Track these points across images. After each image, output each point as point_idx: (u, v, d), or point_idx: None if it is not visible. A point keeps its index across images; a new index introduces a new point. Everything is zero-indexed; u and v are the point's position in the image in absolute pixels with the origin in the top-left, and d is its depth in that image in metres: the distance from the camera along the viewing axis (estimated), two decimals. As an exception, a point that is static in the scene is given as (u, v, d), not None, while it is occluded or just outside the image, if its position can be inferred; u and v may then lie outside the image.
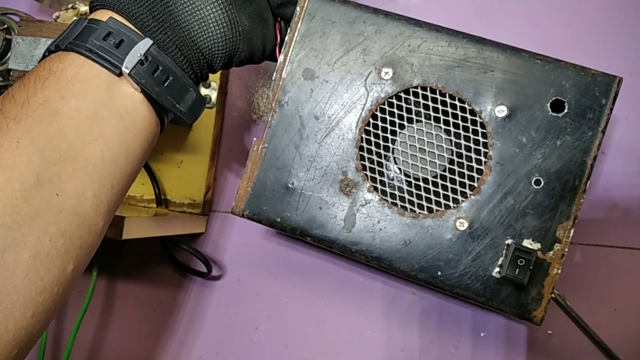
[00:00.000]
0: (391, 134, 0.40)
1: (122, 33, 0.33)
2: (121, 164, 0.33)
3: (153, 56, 0.33)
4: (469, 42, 0.38)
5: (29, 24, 0.48)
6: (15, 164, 0.28)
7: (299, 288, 0.58)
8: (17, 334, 0.28)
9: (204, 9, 0.35)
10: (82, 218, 0.31)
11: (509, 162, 0.37)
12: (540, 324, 0.37)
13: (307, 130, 0.40)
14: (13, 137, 0.29)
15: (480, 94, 0.38)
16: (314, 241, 0.40)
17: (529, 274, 0.36)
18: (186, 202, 0.58)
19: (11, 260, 0.27)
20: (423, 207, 0.39)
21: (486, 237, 0.37)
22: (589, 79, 0.37)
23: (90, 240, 0.32)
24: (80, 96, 0.31)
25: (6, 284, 0.27)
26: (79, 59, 0.32)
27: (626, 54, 0.55)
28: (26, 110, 0.30)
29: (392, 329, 0.56)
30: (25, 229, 0.28)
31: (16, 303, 0.28)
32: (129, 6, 0.33)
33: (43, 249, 0.29)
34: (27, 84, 0.32)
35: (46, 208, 0.29)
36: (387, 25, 0.39)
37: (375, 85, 0.39)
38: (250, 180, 0.40)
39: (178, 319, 0.60)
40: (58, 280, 0.30)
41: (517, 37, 0.50)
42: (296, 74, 0.40)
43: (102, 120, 0.32)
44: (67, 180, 0.30)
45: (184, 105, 0.36)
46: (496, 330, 0.55)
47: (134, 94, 0.34)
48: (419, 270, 0.38)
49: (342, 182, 0.39)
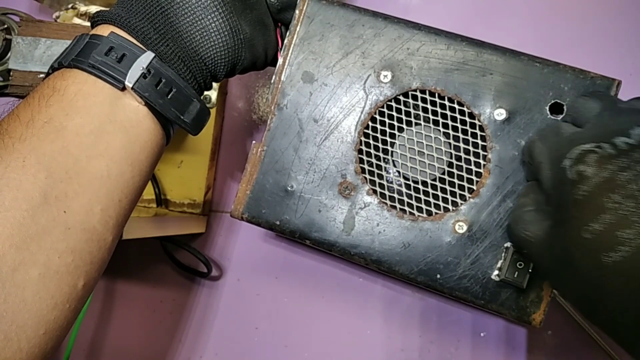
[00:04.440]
0: (390, 137, 0.40)
1: (124, 47, 0.33)
2: (128, 177, 0.33)
3: (155, 69, 0.33)
4: (468, 45, 0.38)
5: (29, 24, 0.48)
6: (21, 183, 0.29)
7: (299, 288, 0.58)
8: (30, 352, 0.28)
9: (205, 19, 0.35)
10: (91, 233, 0.31)
11: (508, 165, 0.37)
12: (539, 326, 0.37)
13: (306, 133, 0.40)
14: (19, 156, 0.29)
15: (479, 97, 0.38)
16: (313, 244, 0.40)
17: (527, 277, 0.36)
18: (186, 202, 0.59)
19: (21, 279, 0.28)
20: (422, 210, 0.39)
21: (485, 240, 0.37)
22: (588, 82, 0.37)
23: (100, 255, 0.32)
24: (84, 112, 0.32)
25: (17, 302, 0.27)
26: (81, 75, 0.33)
27: (626, 54, 0.55)
28: (31, 129, 0.30)
29: (392, 329, 0.56)
30: (34, 248, 0.28)
31: (28, 321, 0.28)
32: (129, 20, 0.33)
33: (52, 267, 0.29)
34: (32, 102, 0.32)
35: (54, 225, 0.29)
36: (386, 28, 0.39)
37: (374, 88, 0.39)
38: (249, 183, 0.40)
39: (178, 319, 0.60)
40: (69, 297, 0.30)
41: (516, 40, 0.49)
42: (295, 77, 0.40)
43: (107, 135, 0.32)
44: (74, 197, 0.30)
45: (188, 116, 0.36)
46: (496, 330, 0.55)
47: (138, 108, 0.34)
48: (418, 273, 0.38)
49: (341, 185, 0.39)
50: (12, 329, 0.27)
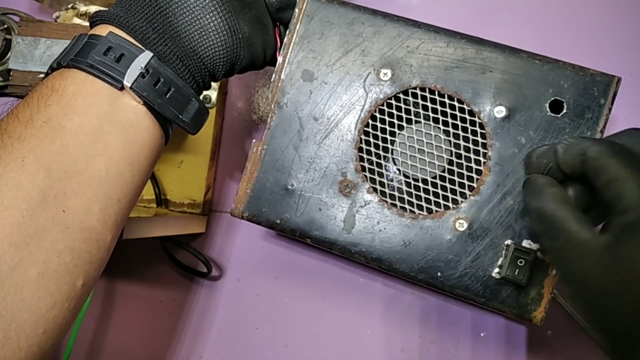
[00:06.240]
0: (390, 135, 0.40)
1: (122, 47, 0.33)
2: (127, 177, 0.33)
3: (154, 68, 0.33)
4: (468, 42, 0.38)
5: (29, 24, 0.48)
6: (20, 182, 0.29)
7: (299, 288, 0.58)
8: (29, 350, 0.28)
9: (203, 18, 0.35)
10: (90, 233, 0.31)
11: (508, 162, 0.37)
12: (540, 324, 0.37)
13: (306, 131, 0.40)
14: (18, 156, 0.29)
15: (479, 95, 0.38)
16: (313, 242, 0.40)
17: (528, 274, 0.36)
18: (186, 202, 0.59)
19: (20, 278, 0.28)
20: (422, 208, 0.39)
21: (486, 237, 0.37)
22: (588, 79, 0.37)
23: (99, 255, 0.32)
24: (82, 112, 0.32)
25: (16, 301, 0.27)
26: (80, 75, 0.33)
27: (626, 53, 0.55)
28: (30, 128, 0.30)
29: (392, 329, 0.56)
30: (32, 247, 0.28)
31: (27, 320, 0.28)
32: (128, 20, 0.34)
33: (51, 266, 0.29)
34: (31, 102, 0.32)
35: (53, 225, 0.29)
36: (385, 26, 0.39)
37: (374, 87, 0.39)
38: (249, 182, 0.40)
39: (178, 319, 0.60)
40: (68, 296, 0.30)
41: (516, 38, 0.49)
42: (295, 76, 0.40)
43: (105, 134, 0.32)
44: (72, 196, 0.30)
45: (186, 115, 0.36)
46: (496, 330, 0.55)
47: (137, 107, 0.34)
48: (419, 271, 0.38)
49: (342, 183, 0.39)
50: (11, 327, 0.27)
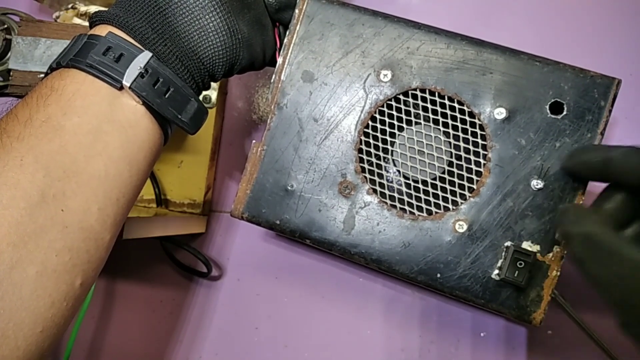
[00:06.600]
0: (390, 136, 0.40)
1: (122, 47, 0.33)
2: (125, 176, 0.33)
3: (153, 68, 0.33)
4: (468, 44, 0.38)
5: (29, 24, 0.48)
6: (19, 181, 0.29)
7: (299, 288, 0.58)
8: (27, 349, 0.28)
9: (203, 19, 0.35)
10: (88, 232, 0.31)
11: (508, 164, 0.37)
12: (539, 325, 0.37)
13: (306, 132, 0.40)
14: (17, 155, 0.29)
15: (479, 96, 0.38)
16: (313, 243, 0.40)
17: (528, 276, 0.36)
18: (186, 202, 0.59)
19: (18, 277, 0.28)
20: (422, 209, 0.39)
21: (485, 239, 0.37)
22: (588, 81, 0.37)
23: (97, 254, 0.32)
24: (81, 112, 0.32)
25: (14, 300, 0.27)
26: (79, 75, 0.33)
27: (626, 53, 0.55)
28: (29, 128, 0.30)
29: (392, 329, 0.56)
30: (31, 246, 0.28)
31: (25, 319, 0.28)
32: (127, 20, 0.34)
33: (50, 265, 0.29)
34: (30, 102, 0.32)
35: (51, 224, 0.29)
36: (385, 27, 0.39)
37: (374, 88, 0.39)
38: (249, 183, 0.40)
39: (178, 319, 0.60)
40: (67, 295, 0.30)
41: (516, 39, 0.49)
42: (295, 77, 0.40)
43: (104, 134, 0.32)
44: (71, 196, 0.30)
45: (185, 115, 0.36)
46: (496, 330, 0.55)
47: (136, 107, 0.34)
48: (419, 272, 0.38)
49: (341, 185, 0.39)
50: (9, 326, 0.27)
